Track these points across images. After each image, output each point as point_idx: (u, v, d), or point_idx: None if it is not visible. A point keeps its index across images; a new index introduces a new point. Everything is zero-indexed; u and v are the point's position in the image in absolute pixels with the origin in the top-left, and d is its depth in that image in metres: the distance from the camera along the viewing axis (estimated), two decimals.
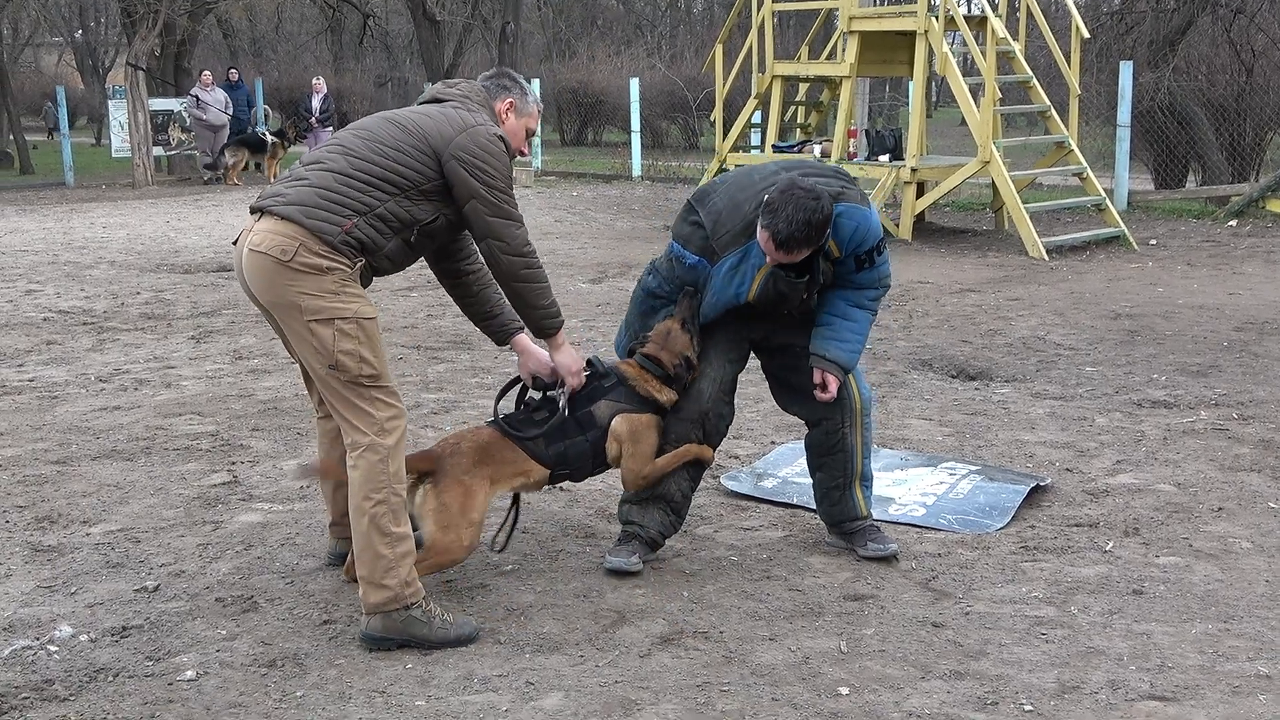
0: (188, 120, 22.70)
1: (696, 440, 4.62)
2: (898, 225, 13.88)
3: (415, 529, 4.21)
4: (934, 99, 39.86)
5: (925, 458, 5.99)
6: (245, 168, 22.30)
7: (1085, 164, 14.06)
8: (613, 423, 4.50)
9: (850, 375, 4.65)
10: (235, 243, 4.09)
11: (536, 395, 4.62)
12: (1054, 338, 8.77)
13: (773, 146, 14.82)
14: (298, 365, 4.36)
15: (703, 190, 4.58)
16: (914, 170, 13.62)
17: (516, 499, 4.62)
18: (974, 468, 5.79)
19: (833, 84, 15.36)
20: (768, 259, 4.32)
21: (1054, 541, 4.94)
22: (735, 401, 4.74)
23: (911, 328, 9.13)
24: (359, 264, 3.98)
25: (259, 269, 3.93)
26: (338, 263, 3.91)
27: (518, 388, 4.64)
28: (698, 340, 4.60)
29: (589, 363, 4.57)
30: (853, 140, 14.38)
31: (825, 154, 14.29)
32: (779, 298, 4.45)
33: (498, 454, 4.35)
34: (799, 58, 16.47)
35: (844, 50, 14.50)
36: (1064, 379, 7.57)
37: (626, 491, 4.68)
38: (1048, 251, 12.68)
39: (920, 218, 14.64)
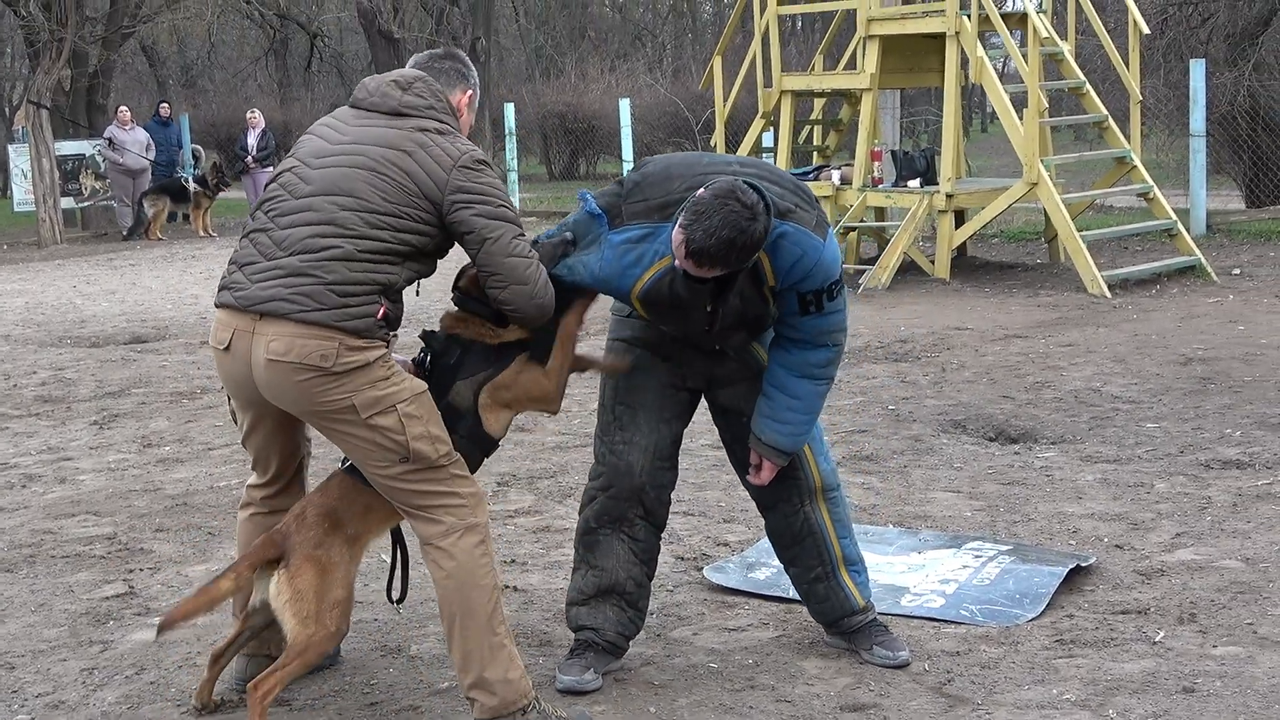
0: (102, 165, 22.87)
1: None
2: (932, 261, 13.94)
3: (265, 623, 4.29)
4: (988, 111, 40.16)
5: (948, 538, 6.00)
6: (172, 218, 22.40)
7: (1151, 182, 14.09)
8: (479, 398, 4.31)
9: (808, 448, 4.64)
10: (226, 348, 4.08)
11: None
12: (1112, 389, 8.79)
13: None
14: (251, 443, 4.43)
15: (648, 157, 4.54)
16: (949, 196, 13.68)
17: (398, 537, 4.57)
18: (1005, 548, 5.79)
19: (853, 98, 15.48)
20: (676, 261, 4.19)
21: (1094, 633, 4.94)
22: (723, 478, 4.73)
23: (944, 383, 9.15)
24: (393, 337, 4.14)
25: (291, 383, 4.00)
26: (377, 347, 4.05)
27: None
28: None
29: (424, 336, 4.41)
30: (877, 164, 14.44)
31: (845, 180, 14.39)
32: (674, 303, 4.29)
33: (354, 506, 4.27)
34: (812, 69, 16.63)
35: (864, 58, 14.61)
36: (1120, 438, 7.58)
37: (570, 590, 4.70)
38: (1110, 287, 12.71)
39: (961, 251, 14.72)
